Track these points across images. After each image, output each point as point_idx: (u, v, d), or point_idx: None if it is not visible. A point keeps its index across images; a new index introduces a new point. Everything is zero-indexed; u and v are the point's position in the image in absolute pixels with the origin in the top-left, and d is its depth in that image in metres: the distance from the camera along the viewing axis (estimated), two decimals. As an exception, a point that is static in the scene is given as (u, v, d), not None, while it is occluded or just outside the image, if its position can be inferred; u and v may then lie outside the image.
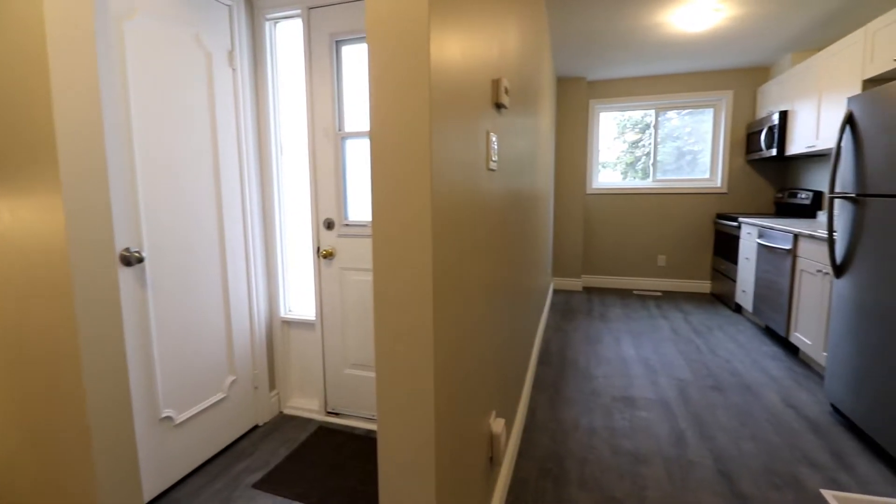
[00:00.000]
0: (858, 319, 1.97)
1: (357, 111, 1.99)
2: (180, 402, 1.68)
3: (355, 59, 1.96)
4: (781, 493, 1.59)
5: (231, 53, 1.88)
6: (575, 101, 4.62)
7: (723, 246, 4.22)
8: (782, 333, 2.95)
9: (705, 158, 4.67)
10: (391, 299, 0.85)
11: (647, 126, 4.78)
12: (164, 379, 1.60)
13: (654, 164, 4.76)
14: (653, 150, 4.75)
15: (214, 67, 1.79)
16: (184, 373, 1.69)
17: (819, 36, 3.43)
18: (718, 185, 4.57)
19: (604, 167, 4.96)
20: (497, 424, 1.41)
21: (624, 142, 4.90)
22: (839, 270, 2.14)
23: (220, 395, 1.85)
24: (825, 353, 2.45)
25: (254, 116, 2.02)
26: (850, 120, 2.12)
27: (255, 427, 2.05)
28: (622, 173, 4.92)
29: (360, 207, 2.03)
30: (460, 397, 1.01)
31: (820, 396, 2.32)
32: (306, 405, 2.19)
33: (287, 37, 2.12)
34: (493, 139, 1.28)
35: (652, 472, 1.71)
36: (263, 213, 2.09)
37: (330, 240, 2.05)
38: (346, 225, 2.02)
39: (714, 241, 4.54)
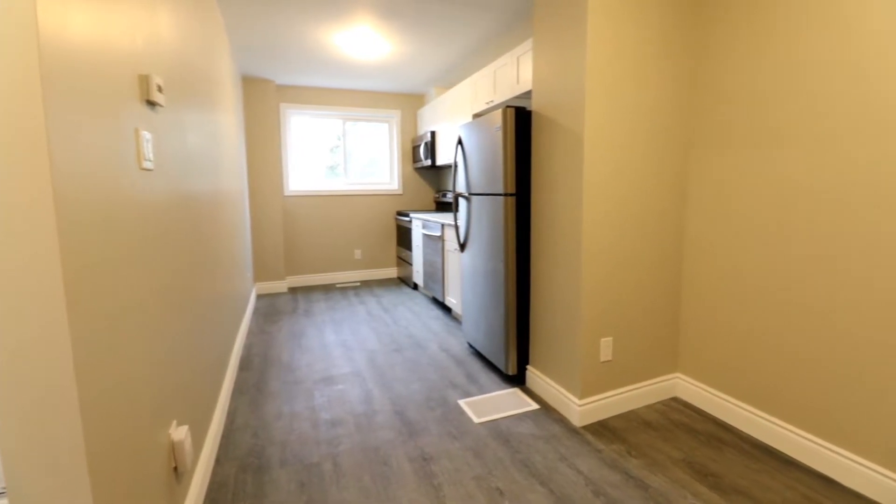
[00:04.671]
0: (472, 279, 2.84)
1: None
2: None
3: None
4: (434, 412, 2.15)
5: None
6: (264, 103, 4.60)
7: (402, 237, 5.14)
8: (441, 299, 3.89)
9: (386, 165, 5.53)
10: (7, 323, 0.72)
11: (343, 134, 5.25)
12: None
13: (346, 169, 5.29)
14: (344, 155, 5.27)
15: None
16: None
17: (450, 77, 4.62)
18: (396, 187, 5.50)
19: (306, 170, 5.13)
20: (179, 432, 1.34)
21: (326, 147, 5.21)
22: (463, 247, 3.01)
23: None
24: (462, 307, 3.40)
25: None
26: (460, 142, 2.99)
27: None
28: (326, 176, 5.23)
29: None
30: (121, 417, 0.94)
31: (461, 339, 3.21)
32: None
33: None
34: (147, 137, 1.21)
35: (345, 430, 2.00)
36: None
37: None
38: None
39: (396, 234, 5.46)
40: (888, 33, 1.45)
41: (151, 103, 1.29)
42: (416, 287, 4.87)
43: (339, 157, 5.28)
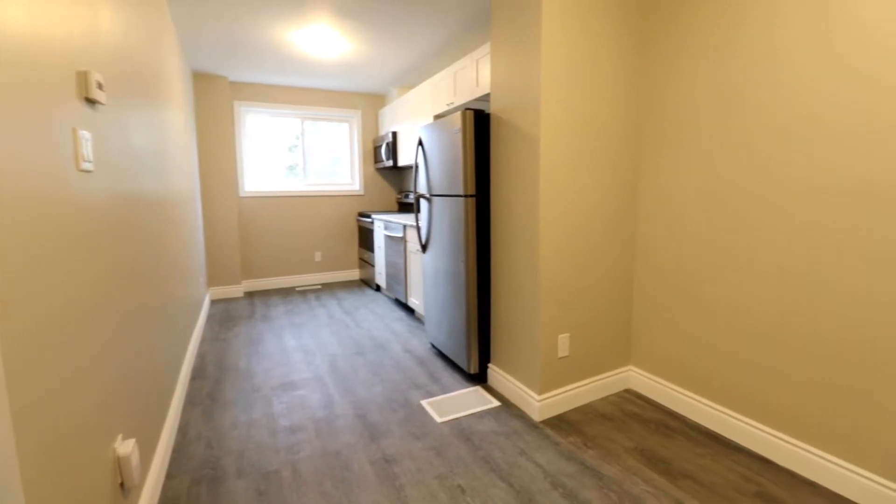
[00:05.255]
0: (434, 279, 2.86)
1: None
2: None
3: None
4: (397, 413, 2.15)
5: None
6: (217, 100, 4.42)
7: (364, 239, 5.09)
8: (404, 300, 3.89)
9: (347, 165, 5.45)
10: None
11: (301, 133, 5.12)
12: None
13: (305, 169, 5.17)
14: (303, 155, 5.14)
15: None
16: None
17: (411, 77, 4.62)
18: (357, 188, 5.43)
19: (264, 170, 4.96)
20: (125, 447, 1.28)
21: (285, 146, 5.06)
22: (424, 248, 3.02)
23: None
24: (425, 308, 3.40)
25: None
26: (420, 143, 3.00)
27: None
28: (285, 176, 5.09)
29: None
30: (60, 432, 0.88)
31: (424, 340, 3.22)
32: None
33: None
34: (86, 137, 1.15)
35: (305, 436, 1.96)
36: None
37: None
38: None
39: (358, 235, 5.39)
40: (808, 47, 1.59)
41: (91, 101, 1.22)
42: (378, 289, 4.82)
43: (299, 157, 5.15)
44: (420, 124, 4.13)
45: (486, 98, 3.13)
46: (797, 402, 1.70)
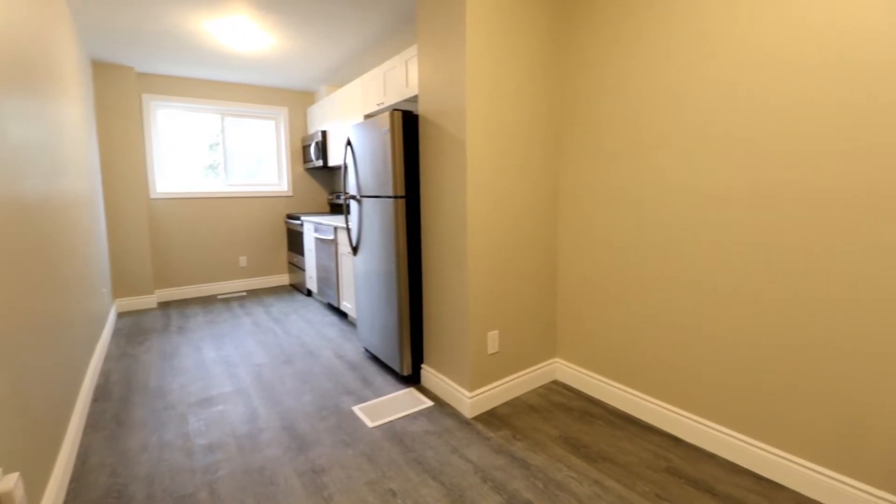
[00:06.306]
0: (366, 282, 2.81)
1: None
2: None
3: None
4: (326, 421, 2.09)
5: None
6: (122, 92, 4.02)
7: (293, 242, 4.88)
8: (336, 305, 3.78)
9: (274, 165, 5.19)
10: None
11: (222, 130, 4.79)
12: None
13: (227, 168, 4.85)
14: (224, 154, 4.83)
15: None
16: None
17: (341, 75, 4.50)
18: (285, 188, 5.20)
19: (181, 169, 4.58)
20: (6, 482, 1.12)
21: (205, 143, 4.70)
22: (356, 250, 2.96)
23: None
24: (357, 311, 3.34)
25: None
26: (349, 143, 2.93)
27: None
28: (206, 176, 4.73)
29: None
30: None
31: (357, 344, 3.15)
32: None
33: None
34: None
35: (225, 454, 1.84)
36: None
37: None
38: None
39: (287, 238, 5.16)
40: (696, 77, 1.77)
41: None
42: (309, 294, 4.65)
43: (220, 156, 4.83)
44: (351, 123, 4.04)
45: (416, 99, 3.13)
46: (697, 384, 1.88)
